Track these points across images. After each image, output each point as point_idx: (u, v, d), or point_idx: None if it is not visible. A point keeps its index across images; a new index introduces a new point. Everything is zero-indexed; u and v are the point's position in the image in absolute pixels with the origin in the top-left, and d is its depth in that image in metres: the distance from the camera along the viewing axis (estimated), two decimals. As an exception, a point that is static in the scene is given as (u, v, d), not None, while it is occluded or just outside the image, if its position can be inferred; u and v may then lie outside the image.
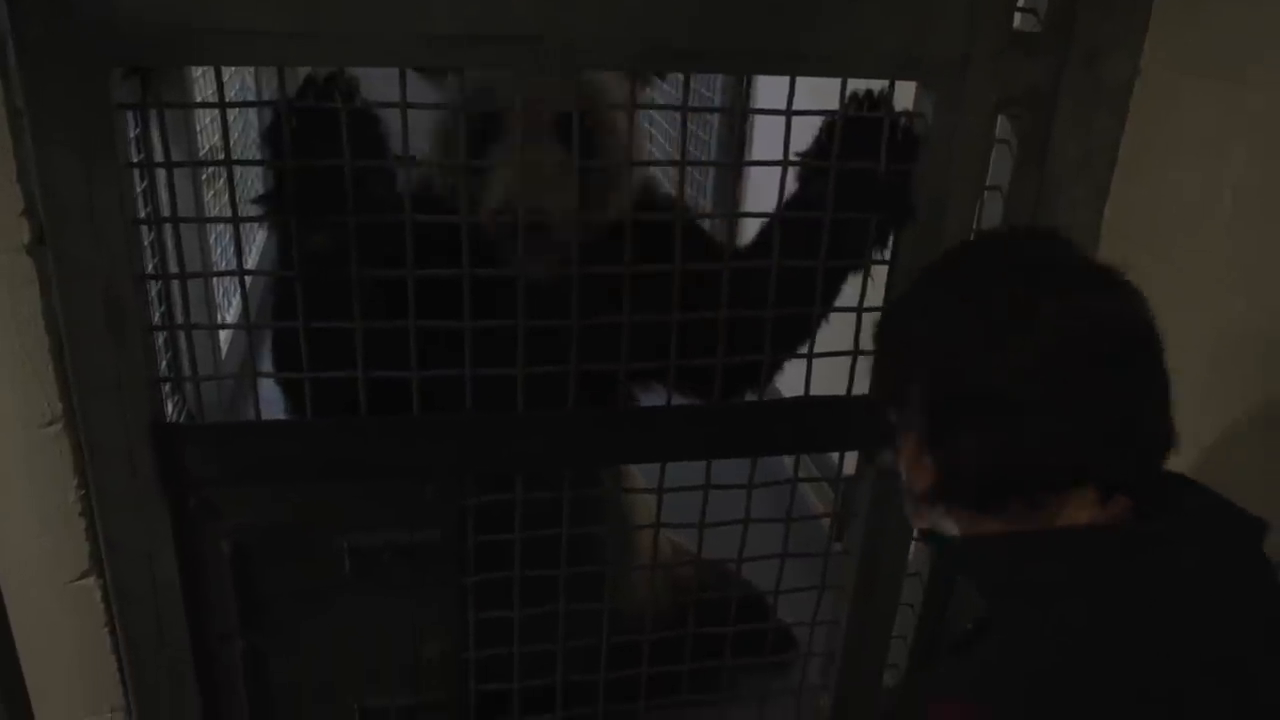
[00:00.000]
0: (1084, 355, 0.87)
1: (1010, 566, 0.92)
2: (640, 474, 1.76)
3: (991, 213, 1.42)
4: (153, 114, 1.58)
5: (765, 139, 2.84)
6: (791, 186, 1.34)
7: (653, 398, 1.49)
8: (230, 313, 2.72)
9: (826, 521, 1.70)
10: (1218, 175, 1.29)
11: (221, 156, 1.17)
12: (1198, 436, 1.27)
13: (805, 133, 1.32)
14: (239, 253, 1.20)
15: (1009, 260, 0.96)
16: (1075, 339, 0.87)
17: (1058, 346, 0.87)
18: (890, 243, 1.38)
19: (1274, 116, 1.22)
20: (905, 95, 1.32)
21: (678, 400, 1.43)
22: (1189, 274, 1.34)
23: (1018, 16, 1.31)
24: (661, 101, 1.59)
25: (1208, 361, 1.27)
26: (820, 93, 1.28)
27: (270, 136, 1.17)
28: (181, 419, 1.85)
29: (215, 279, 2.51)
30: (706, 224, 1.67)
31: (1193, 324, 1.04)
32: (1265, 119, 1.23)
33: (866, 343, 1.40)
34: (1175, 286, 1.32)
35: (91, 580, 1.35)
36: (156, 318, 1.59)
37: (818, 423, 1.44)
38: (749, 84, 1.27)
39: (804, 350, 1.42)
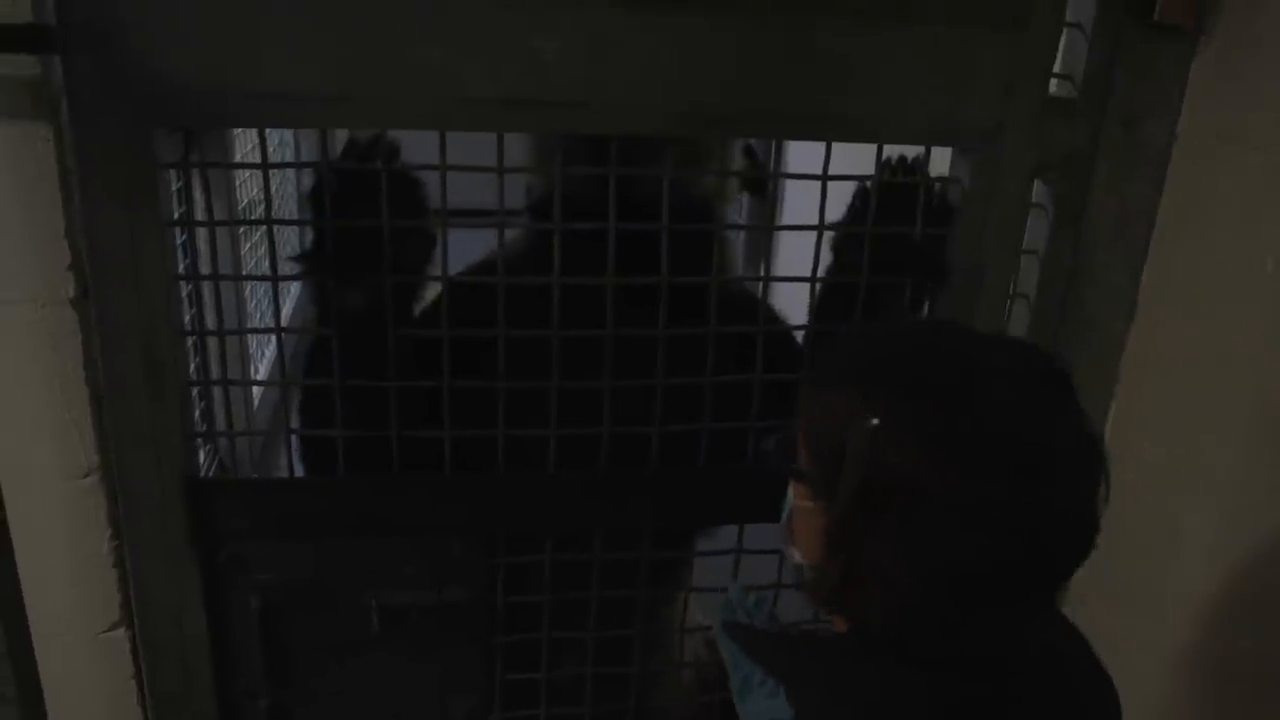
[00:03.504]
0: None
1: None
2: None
3: (1028, 277, 1.41)
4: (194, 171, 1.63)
5: (792, 208, 2.78)
6: (825, 255, 1.34)
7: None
8: (263, 364, 2.74)
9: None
10: (1258, 242, 1.27)
11: (260, 210, 1.19)
12: (1237, 508, 1.25)
13: (832, 201, 1.31)
14: (276, 311, 1.22)
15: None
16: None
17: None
18: (926, 309, 1.38)
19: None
20: (940, 160, 1.33)
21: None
22: (1229, 340, 1.32)
23: (1053, 82, 1.31)
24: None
25: (1246, 428, 1.25)
26: (847, 159, 1.28)
27: (313, 197, 1.19)
28: (213, 471, 1.86)
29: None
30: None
31: (1232, 390, 1.02)
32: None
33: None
34: (1214, 352, 1.31)
35: (121, 632, 1.35)
36: (192, 370, 1.61)
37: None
38: (779, 149, 1.28)
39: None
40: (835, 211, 1.34)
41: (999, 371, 0.85)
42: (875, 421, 0.82)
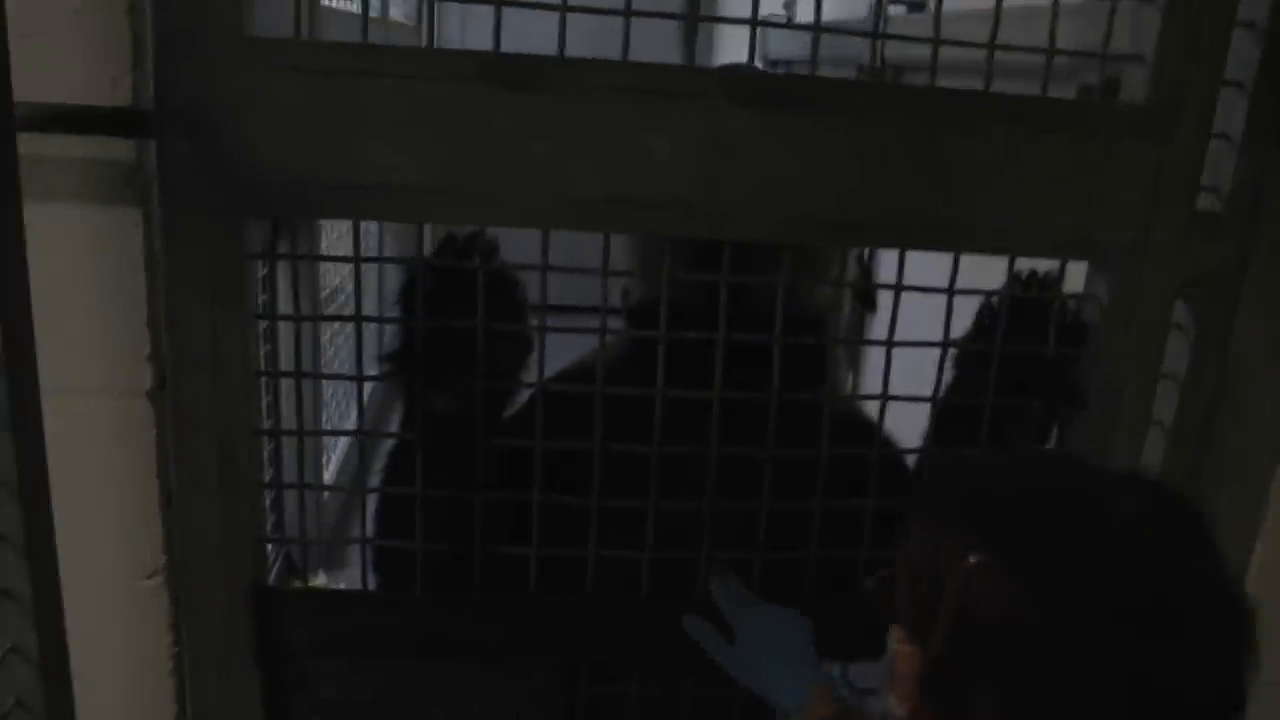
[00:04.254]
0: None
1: None
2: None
3: (1165, 404, 1.30)
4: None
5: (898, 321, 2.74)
6: (946, 374, 1.24)
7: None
8: (332, 462, 2.69)
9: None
10: None
11: (341, 301, 1.13)
12: None
13: (919, 313, 1.22)
14: (360, 412, 1.15)
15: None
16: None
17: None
18: (1055, 435, 1.26)
19: None
20: (1073, 277, 1.23)
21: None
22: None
23: (1200, 197, 1.21)
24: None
25: None
26: (970, 272, 1.19)
27: (405, 293, 1.13)
28: (277, 571, 1.80)
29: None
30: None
31: None
32: None
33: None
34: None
35: (176, 746, 1.27)
36: (264, 471, 1.56)
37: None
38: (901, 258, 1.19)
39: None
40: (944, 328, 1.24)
41: (1120, 512, 0.78)
42: (973, 560, 0.76)
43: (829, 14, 1.10)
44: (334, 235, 2.41)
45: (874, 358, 1.60)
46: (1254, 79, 1.20)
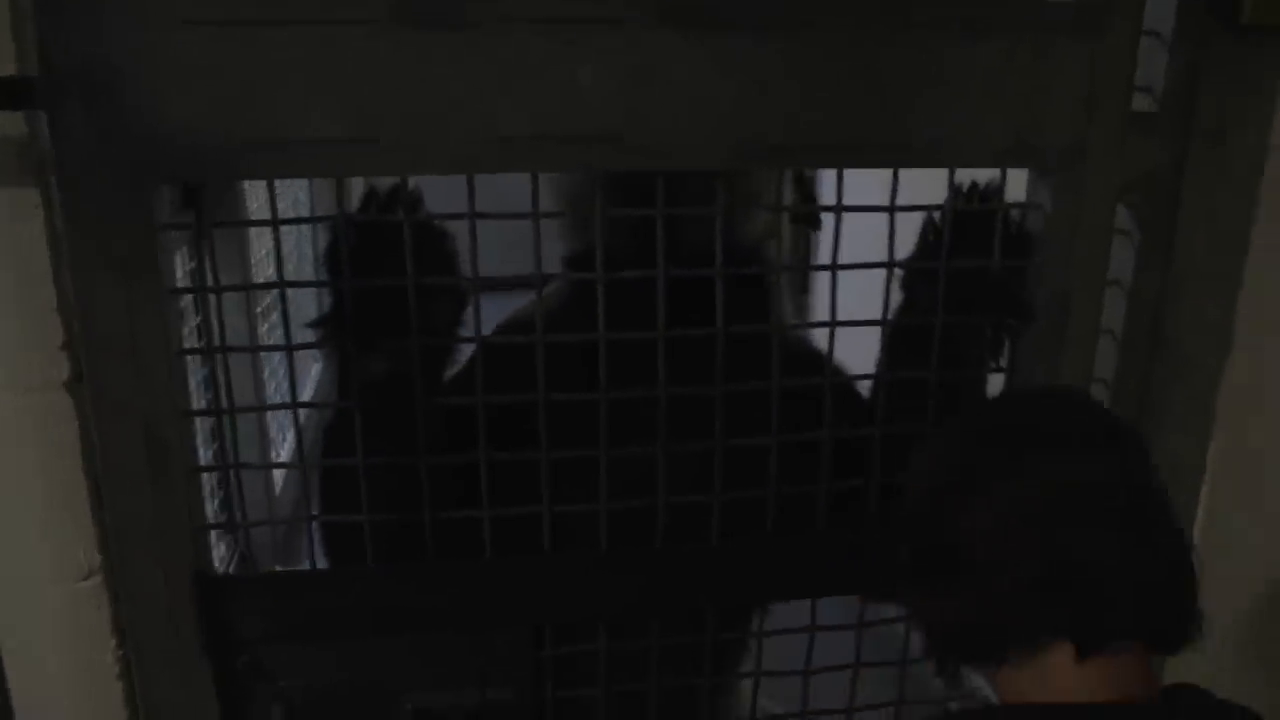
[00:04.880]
0: (1042, 518, 0.89)
1: None
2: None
3: (1113, 311, 1.29)
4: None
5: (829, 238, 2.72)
6: (894, 295, 1.22)
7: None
8: (285, 449, 2.62)
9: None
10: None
11: (271, 274, 1.08)
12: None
13: (864, 231, 1.20)
14: (292, 385, 1.10)
15: (1007, 420, 1.00)
16: (1029, 500, 0.90)
17: (1010, 508, 0.90)
18: (1007, 349, 1.25)
19: None
20: (1015, 185, 1.21)
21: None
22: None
23: (1134, 96, 1.19)
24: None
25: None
26: (910, 188, 1.17)
27: (329, 256, 1.07)
28: (232, 566, 1.73)
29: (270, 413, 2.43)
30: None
31: None
32: None
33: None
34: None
35: (131, 753, 1.21)
36: (209, 457, 1.50)
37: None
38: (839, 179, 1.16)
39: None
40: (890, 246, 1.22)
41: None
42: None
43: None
44: (255, 205, 2.30)
45: (821, 284, 1.57)
46: (1182, -26, 1.19)
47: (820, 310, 1.21)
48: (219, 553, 1.76)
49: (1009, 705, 0.93)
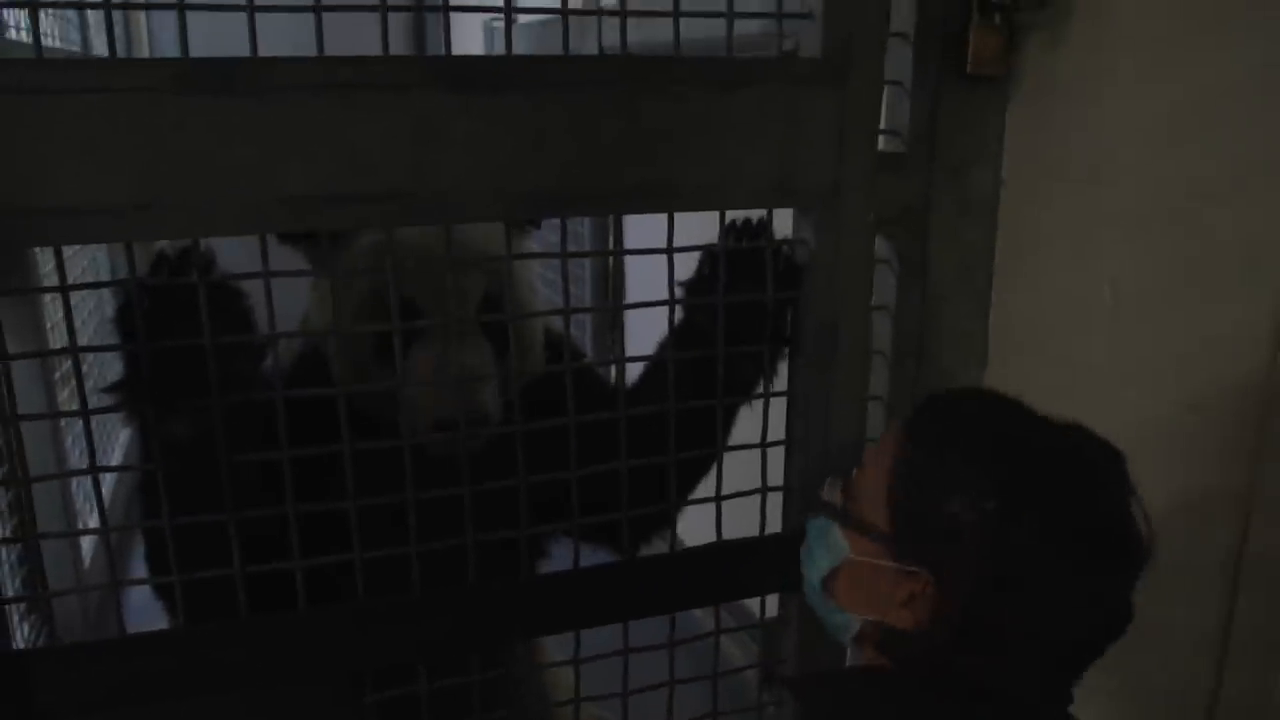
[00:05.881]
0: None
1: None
2: (550, 646, 1.65)
3: (881, 332, 1.41)
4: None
5: (637, 276, 2.61)
6: (676, 319, 1.31)
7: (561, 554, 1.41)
8: (93, 519, 2.52)
9: (754, 674, 1.61)
10: (1094, 271, 1.31)
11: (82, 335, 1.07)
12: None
13: (681, 266, 1.29)
14: (91, 452, 1.09)
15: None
16: None
17: None
18: (778, 372, 1.35)
19: (1134, 209, 1.25)
20: (783, 222, 1.32)
21: (586, 552, 1.35)
22: (1079, 370, 1.34)
23: (882, 139, 1.32)
24: (537, 248, 1.56)
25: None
26: (688, 227, 1.26)
27: (121, 319, 1.07)
28: (40, 642, 1.66)
29: (75, 482, 2.33)
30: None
31: (1088, 420, 1.05)
32: (1127, 213, 1.26)
33: (775, 479, 1.36)
34: (1066, 384, 1.32)
35: None
36: (8, 530, 1.45)
37: (736, 567, 1.36)
38: (618, 223, 1.24)
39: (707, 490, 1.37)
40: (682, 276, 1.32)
41: (1100, 464, 1.01)
42: (990, 506, 0.96)
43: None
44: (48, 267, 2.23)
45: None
46: (915, 29, 1.33)
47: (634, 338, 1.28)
48: (23, 632, 1.69)
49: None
